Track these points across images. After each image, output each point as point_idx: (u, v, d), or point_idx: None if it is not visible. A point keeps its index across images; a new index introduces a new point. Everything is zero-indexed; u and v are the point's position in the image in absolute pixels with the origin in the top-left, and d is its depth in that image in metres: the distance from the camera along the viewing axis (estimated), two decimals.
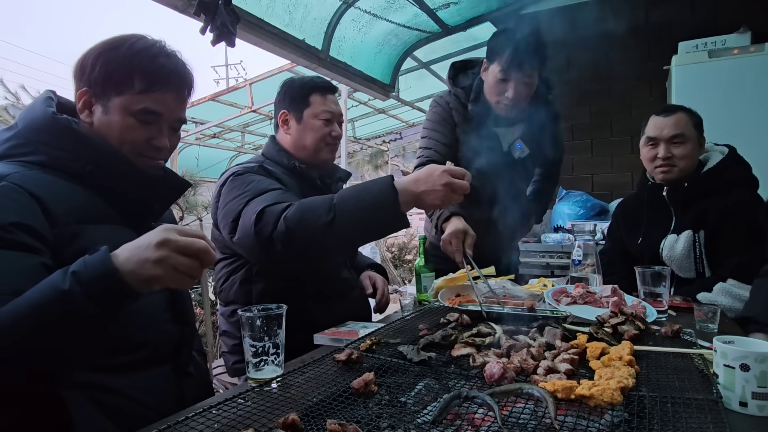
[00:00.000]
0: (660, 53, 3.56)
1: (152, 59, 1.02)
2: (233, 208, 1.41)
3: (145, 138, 1.03)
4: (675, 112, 1.83)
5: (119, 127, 1.01)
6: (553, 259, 3.46)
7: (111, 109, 1.01)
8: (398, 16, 3.45)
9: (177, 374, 1.09)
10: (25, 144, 0.97)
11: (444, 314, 1.40)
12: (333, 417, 0.76)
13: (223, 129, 7.35)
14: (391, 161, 10.85)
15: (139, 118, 1.01)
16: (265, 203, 1.34)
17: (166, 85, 1.03)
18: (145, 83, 1.00)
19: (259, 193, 1.40)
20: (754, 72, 3.07)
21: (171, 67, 1.04)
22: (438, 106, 2.02)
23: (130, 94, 1.00)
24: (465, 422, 0.76)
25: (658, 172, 1.84)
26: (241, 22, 2.11)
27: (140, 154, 1.04)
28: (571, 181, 3.97)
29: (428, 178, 1.26)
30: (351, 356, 1.01)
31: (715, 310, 1.29)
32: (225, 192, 1.48)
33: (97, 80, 1.00)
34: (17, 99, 5.88)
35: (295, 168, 1.62)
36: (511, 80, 1.81)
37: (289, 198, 1.39)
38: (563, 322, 1.28)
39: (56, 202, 0.92)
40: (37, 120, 0.99)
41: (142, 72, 1.00)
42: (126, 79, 1.00)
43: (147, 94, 1.01)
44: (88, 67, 1.01)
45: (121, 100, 1.00)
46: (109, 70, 1.00)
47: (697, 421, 0.74)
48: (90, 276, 0.76)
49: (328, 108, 1.66)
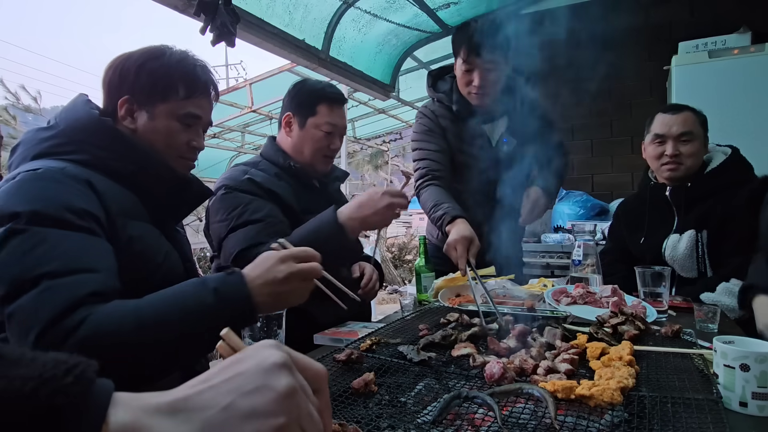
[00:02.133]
0: (660, 53, 3.56)
1: (192, 68, 1.11)
2: (218, 232, 1.50)
3: (186, 140, 1.12)
4: (682, 111, 1.83)
5: (166, 131, 1.09)
6: (553, 259, 3.46)
7: (157, 115, 1.08)
8: (398, 16, 3.45)
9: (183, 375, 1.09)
10: (68, 143, 1.01)
11: (444, 314, 1.40)
12: (333, 417, 0.76)
13: (223, 129, 7.36)
14: (391, 161, 10.85)
15: (183, 122, 1.10)
16: (243, 244, 1.41)
17: (204, 91, 1.13)
18: (187, 90, 1.09)
19: (240, 223, 1.45)
20: (754, 72, 3.06)
21: (206, 75, 1.14)
22: (424, 116, 2.07)
23: (175, 100, 1.08)
24: (465, 422, 0.76)
25: (665, 170, 1.84)
26: (241, 22, 2.11)
27: (181, 155, 1.13)
28: (571, 181, 3.97)
29: (370, 201, 1.40)
30: (351, 356, 1.01)
31: (715, 311, 1.29)
32: (213, 208, 1.53)
33: (142, 88, 1.07)
34: (17, 99, 5.88)
35: (290, 168, 1.62)
36: (475, 68, 1.87)
37: (266, 234, 1.43)
38: (563, 322, 1.28)
39: (106, 194, 0.98)
40: (81, 120, 1.03)
41: (185, 80, 1.09)
42: (171, 87, 1.08)
43: (189, 99, 1.10)
44: (130, 75, 1.06)
45: (167, 106, 1.08)
46: (154, 79, 1.07)
47: (697, 421, 0.74)
48: (232, 298, 0.88)
49: (332, 121, 1.64)
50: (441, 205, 1.83)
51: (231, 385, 0.39)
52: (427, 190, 1.95)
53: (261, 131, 7.78)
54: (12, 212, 0.86)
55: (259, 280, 0.91)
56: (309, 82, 1.71)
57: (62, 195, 0.91)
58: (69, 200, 0.91)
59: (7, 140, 5.65)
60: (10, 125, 5.53)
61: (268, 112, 6.64)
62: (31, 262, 0.83)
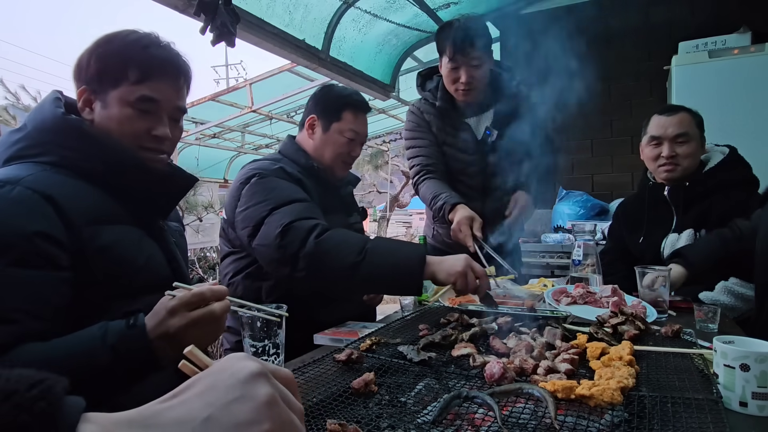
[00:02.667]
0: (660, 53, 3.56)
1: (144, 49, 1.02)
2: (256, 214, 1.43)
3: (145, 128, 1.03)
4: (678, 112, 1.84)
5: (118, 118, 1.01)
6: (553, 259, 3.46)
7: (109, 103, 1.01)
8: (398, 16, 3.45)
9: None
10: (35, 145, 0.97)
11: (444, 314, 1.40)
12: (333, 417, 0.76)
13: (223, 129, 7.35)
14: (391, 161, 10.85)
15: (137, 107, 1.02)
16: (291, 217, 1.37)
17: (161, 73, 1.03)
18: (139, 73, 1.01)
19: (283, 202, 1.42)
20: (754, 72, 3.06)
21: (164, 56, 1.04)
22: (411, 114, 2.14)
23: (126, 85, 1.00)
24: (465, 422, 0.76)
25: (662, 171, 1.84)
26: (241, 22, 2.11)
27: (142, 146, 1.04)
28: (571, 181, 3.97)
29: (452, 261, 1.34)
30: (351, 356, 1.01)
31: (715, 310, 1.29)
32: (247, 193, 1.48)
33: (93, 76, 1.01)
34: (17, 99, 5.88)
35: (312, 168, 1.63)
36: (461, 65, 1.91)
37: (313, 213, 1.43)
38: (563, 322, 1.28)
39: (70, 203, 0.93)
40: (46, 121, 0.99)
41: (136, 62, 1.01)
42: (120, 71, 1.00)
43: (142, 83, 1.01)
44: (84, 65, 1.02)
45: (117, 92, 1.01)
46: (103, 65, 1.00)
47: (697, 421, 0.74)
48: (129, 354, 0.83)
49: (356, 128, 1.67)
50: (440, 195, 1.90)
51: (208, 398, 0.38)
52: (425, 184, 2.01)
53: (261, 131, 7.78)
54: None
55: (154, 332, 0.84)
56: (336, 87, 1.74)
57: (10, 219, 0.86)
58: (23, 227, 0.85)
59: None
60: (10, 125, 5.53)
61: (268, 112, 6.64)
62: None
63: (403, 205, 14.13)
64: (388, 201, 12.24)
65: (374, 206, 13.49)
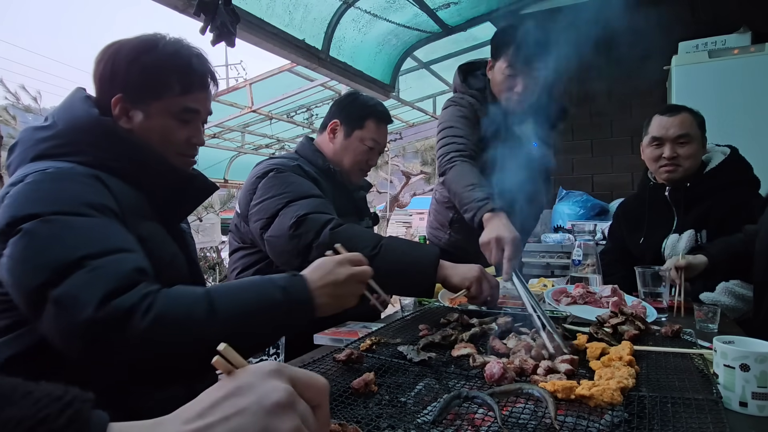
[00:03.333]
0: (660, 53, 3.56)
1: (187, 61, 1.04)
2: (271, 206, 1.44)
3: (185, 137, 1.07)
4: (679, 112, 1.83)
5: (161, 130, 1.04)
6: (553, 259, 3.46)
7: (152, 114, 1.03)
8: (398, 16, 3.45)
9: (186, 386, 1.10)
10: (67, 144, 0.97)
11: (444, 314, 1.40)
12: (333, 417, 0.76)
13: (223, 129, 7.34)
14: (391, 161, 10.85)
15: (180, 118, 1.05)
16: (307, 209, 1.38)
17: (201, 85, 1.07)
18: (183, 86, 1.03)
19: (299, 196, 1.43)
20: (754, 72, 3.06)
21: (203, 67, 1.07)
22: (458, 105, 1.95)
23: (170, 96, 1.02)
24: (465, 422, 0.76)
25: (663, 172, 1.84)
26: (241, 22, 2.11)
27: (180, 153, 1.08)
28: (571, 181, 3.97)
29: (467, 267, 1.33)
30: (351, 356, 1.01)
31: (715, 310, 1.29)
32: (264, 187, 1.49)
33: (134, 86, 1.01)
34: (17, 99, 5.88)
35: (328, 170, 1.64)
36: (518, 75, 1.82)
37: (329, 209, 1.44)
38: (563, 322, 1.28)
39: (116, 192, 0.95)
40: (80, 120, 0.98)
41: (179, 74, 1.03)
42: (165, 83, 1.02)
43: (185, 95, 1.04)
44: (121, 72, 1.01)
45: (161, 103, 1.02)
46: (146, 76, 1.01)
47: (697, 421, 0.73)
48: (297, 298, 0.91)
49: (377, 138, 1.69)
50: (482, 187, 1.63)
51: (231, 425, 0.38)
52: (464, 165, 1.75)
53: (261, 131, 7.77)
54: (31, 214, 0.82)
55: (319, 282, 0.94)
56: (362, 96, 1.75)
57: (79, 193, 0.88)
58: (87, 197, 0.88)
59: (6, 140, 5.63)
60: (10, 125, 5.53)
61: (268, 112, 6.63)
62: (66, 247, 0.80)
63: (403, 205, 14.13)
64: (388, 201, 12.25)
65: (374, 206, 13.51)
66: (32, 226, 0.81)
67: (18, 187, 0.87)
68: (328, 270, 0.97)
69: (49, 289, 0.76)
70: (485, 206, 1.56)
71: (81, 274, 0.78)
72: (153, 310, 0.78)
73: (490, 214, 1.54)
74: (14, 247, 0.80)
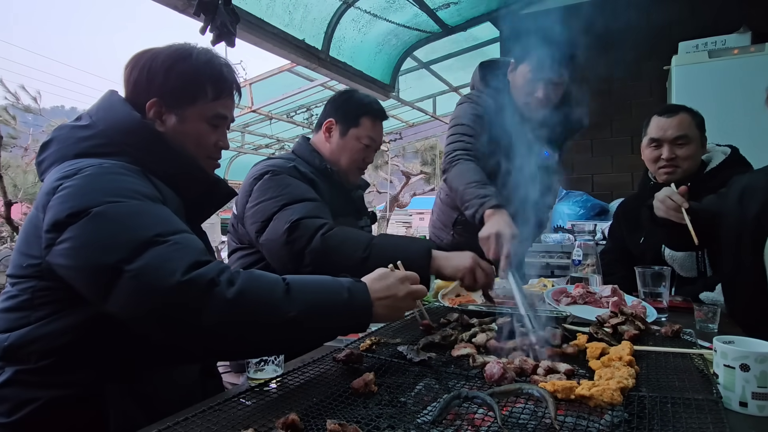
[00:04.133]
0: (660, 53, 3.56)
1: (219, 69, 1.10)
2: (266, 209, 1.45)
3: (214, 141, 1.13)
4: (678, 113, 1.83)
5: (196, 133, 1.09)
6: (553, 259, 3.46)
7: (187, 118, 1.08)
8: (398, 16, 3.45)
9: (203, 375, 1.13)
10: (109, 144, 1.00)
11: (444, 314, 1.40)
12: (333, 417, 0.76)
13: None
14: (391, 161, 10.86)
15: (212, 123, 1.11)
16: (300, 214, 1.39)
17: (230, 92, 1.14)
18: (215, 91, 1.09)
19: (294, 199, 1.44)
20: (754, 72, 3.06)
21: (232, 76, 1.14)
22: (474, 103, 1.93)
23: (203, 102, 1.08)
24: (465, 422, 0.76)
25: (662, 173, 1.84)
26: (241, 22, 2.11)
27: (209, 156, 1.13)
28: (571, 181, 3.97)
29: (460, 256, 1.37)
30: (351, 356, 1.01)
31: (715, 310, 1.29)
32: (259, 189, 1.50)
33: (171, 91, 1.06)
34: (17, 99, 5.88)
35: (326, 170, 1.64)
36: (541, 80, 1.79)
37: (323, 213, 1.44)
38: (563, 322, 1.28)
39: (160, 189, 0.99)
40: (123, 122, 1.02)
41: (213, 81, 1.09)
42: (199, 90, 1.08)
43: (217, 101, 1.10)
44: (159, 78, 1.05)
45: (195, 108, 1.08)
46: (183, 82, 1.06)
47: (697, 421, 0.74)
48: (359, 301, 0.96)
49: (374, 135, 1.69)
50: (484, 185, 1.64)
51: None
52: (467, 164, 1.74)
53: (261, 131, 7.78)
54: (96, 201, 0.86)
55: (380, 293, 1.00)
56: (357, 93, 1.74)
57: (137, 185, 0.93)
58: (143, 190, 0.93)
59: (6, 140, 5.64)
60: (10, 125, 5.53)
61: (268, 112, 6.64)
62: (138, 227, 0.84)
63: (403, 205, 14.14)
64: (387, 201, 12.25)
65: (374, 206, 13.51)
66: (101, 210, 0.85)
67: (75, 180, 0.89)
68: (390, 284, 1.02)
69: (125, 265, 0.80)
70: (487, 202, 1.56)
71: (160, 248, 0.82)
72: (237, 283, 0.83)
73: (492, 210, 1.54)
74: (81, 229, 0.84)
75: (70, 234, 0.84)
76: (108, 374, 0.92)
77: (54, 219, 0.85)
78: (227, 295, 0.81)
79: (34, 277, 0.91)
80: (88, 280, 0.84)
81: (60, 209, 0.86)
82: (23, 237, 0.94)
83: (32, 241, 0.90)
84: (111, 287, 0.80)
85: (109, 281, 0.80)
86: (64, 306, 0.90)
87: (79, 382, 0.90)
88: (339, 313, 0.93)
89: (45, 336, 0.90)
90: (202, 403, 0.86)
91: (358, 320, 0.97)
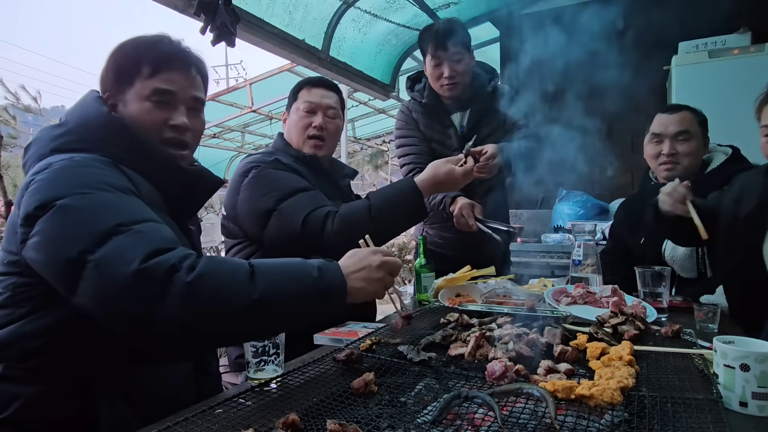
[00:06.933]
0: (660, 53, 3.56)
1: (154, 46, 1.07)
2: (262, 206, 1.48)
3: (163, 119, 1.07)
4: (680, 110, 1.84)
5: (137, 113, 1.05)
6: (553, 259, 3.46)
7: (128, 101, 1.06)
8: (398, 16, 3.45)
9: (196, 373, 1.12)
10: (80, 140, 1.00)
11: (444, 314, 1.40)
12: (333, 417, 0.76)
13: (223, 129, 7.35)
14: (390, 161, 10.85)
15: (153, 100, 1.06)
16: (305, 210, 1.44)
17: (171, 65, 1.08)
18: (151, 68, 1.05)
19: (287, 193, 1.48)
20: (754, 72, 3.05)
21: (173, 49, 1.09)
22: (401, 113, 2.26)
23: (140, 81, 1.05)
24: (465, 422, 0.76)
25: (662, 170, 1.84)
26: (241, 22, 2.11)
27: (162, 138, 1.08)
28: (571, 181, 3.96)
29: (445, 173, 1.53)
30: (351, 356, 1.01)
31: (715, 310, 1.29)
32: (248, 187, 1.52)
33: (112, 80, 1.07)
34: (17, 99, 5.88)
35: (304, 157, 1.66)
36: (443, 61, 2.02)
37: (321, 200, 1.50)
38: (563, 322, 1.28)
39: (135, 181, 0.99)
40: (91, 118, 1.02)
41: (147, 59, 1.06)
42: (134, 70, 1.05)
43: (154, 76, 1.06)
44: (103, 74, 1.07)
45: (134, 89, 1.06)
46: (118, 67, 1.06)
47: (697, 421, 0.74)
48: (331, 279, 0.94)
49: (310, 98, 1.69)
50: None
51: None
52: None
53: (261, 131, 7.78)
54: (61, 193, 0.86)
55: (353, 266, 0.99)
56: None
57: (105, 176, 0.93)
58: (112, 181, 0.93)
59: (6, 140, 5.63)
60: (10, 125, 5.52)
61: (268, 112, 6.64)
62: (101, 217, 0.84)
63: None
64: None
65: None
66: (65, 202, 0.85)
67: (44, 173, 0.90)
68: (362, 256, 1.02)
69: (88, 255, 0.80)
70: (446, 200, 1.97)
71: (121, 237, 0.82)
72: (198, 268, 0.82)
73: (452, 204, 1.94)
74: (47, 223, 0.84)
75: (39, 227, 0.85)
76: (96, 369, 0.92)
77: (25, 212, 0.86)
78: (186, 279, 0.80)
79: (14, 273, 0.92)
80: (56, 272, 0.84)
81: (29, 202, 0.87)
82: (6, 234, 0.95)
83: (11, 238, 0.92)
84: (77, 279, 0.80)
85: (75, 273, 0.80)
86: (46, 303, 0.90)
87: (67, 378, 0.91)
88: (308, 292, 0.91)
89: (30, 334, 0.90)
90: (201, 403, 0.86)
91: (332, 299, 0.94)
